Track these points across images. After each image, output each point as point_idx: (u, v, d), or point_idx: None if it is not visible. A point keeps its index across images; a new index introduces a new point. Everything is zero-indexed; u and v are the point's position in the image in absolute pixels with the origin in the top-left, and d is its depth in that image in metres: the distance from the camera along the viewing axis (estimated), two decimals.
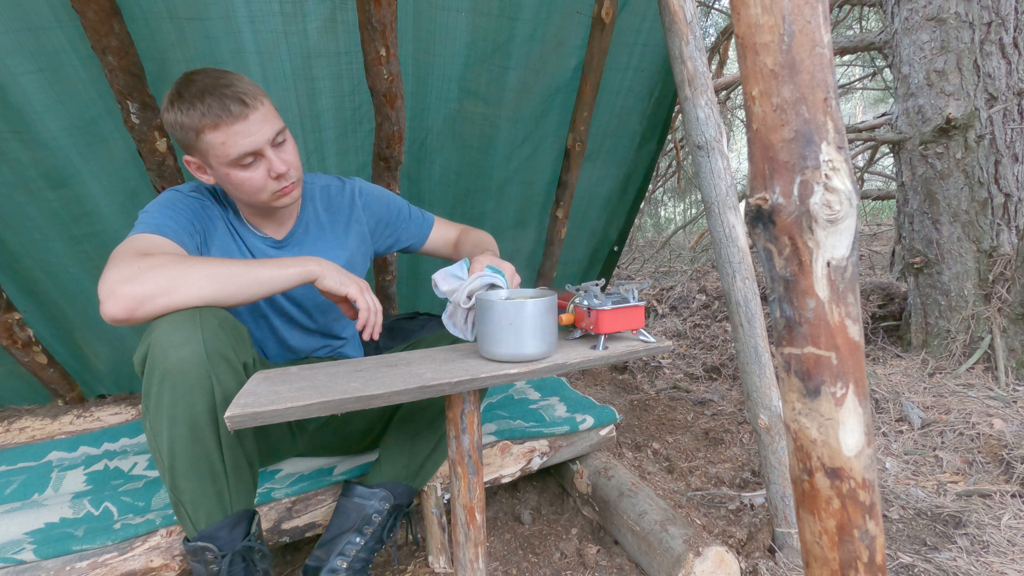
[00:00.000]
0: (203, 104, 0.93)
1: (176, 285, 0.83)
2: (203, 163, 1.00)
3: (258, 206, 1.05)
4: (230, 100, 0.93)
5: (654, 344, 0.97)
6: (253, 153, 0.97)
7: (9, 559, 0.95)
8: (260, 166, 0.99)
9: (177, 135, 0.97)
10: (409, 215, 1.31)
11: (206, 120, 0.93)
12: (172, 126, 0.97)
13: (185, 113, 0.94)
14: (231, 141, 0.94)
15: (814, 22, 0.51)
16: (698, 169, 1.28)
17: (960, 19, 2.15)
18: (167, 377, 0.81)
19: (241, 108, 0.94)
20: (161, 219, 0.97)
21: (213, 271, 0.87)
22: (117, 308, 0.80)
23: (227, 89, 0.94)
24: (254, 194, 1.01)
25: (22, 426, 1.57)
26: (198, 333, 0.82)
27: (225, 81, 0.95)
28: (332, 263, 0.98)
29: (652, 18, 1.67)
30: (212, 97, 0.93)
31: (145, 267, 0.83)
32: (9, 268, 1.60)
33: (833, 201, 0.51)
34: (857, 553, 0.56)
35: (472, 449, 0.94)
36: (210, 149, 0.96)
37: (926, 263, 2.26)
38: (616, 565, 1.23)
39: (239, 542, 0.90)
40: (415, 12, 1.45)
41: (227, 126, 0.93)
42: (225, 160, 0.96)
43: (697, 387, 2.38)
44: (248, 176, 0.98)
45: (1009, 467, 1.49)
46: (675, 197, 7.14)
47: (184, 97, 0.94)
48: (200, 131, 0.94)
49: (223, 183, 1.02)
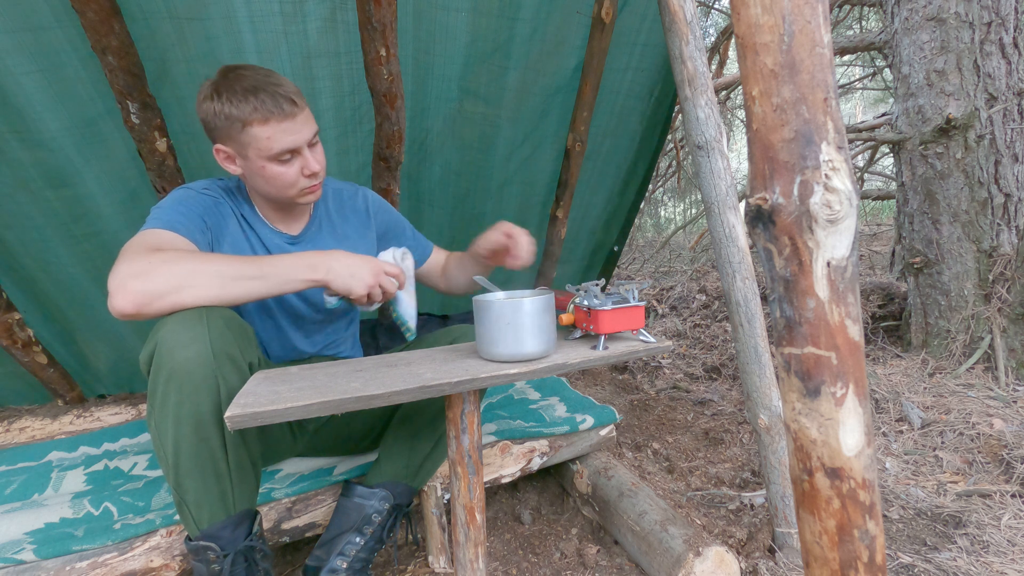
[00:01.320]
0: (256, 99, 0.97)
1: (187, 282, 0.84)
2: (237, 154, 1.03)
3: (282, 201, 1.10)
4: (282, 98, 0.99)
5: (654, 344, 0.97)
6: (292, 150, 1.02)
7: (9, 559, 0.95)
8: (295, 163, 1.04)
9: (217, 124, 1.00)
10: (413, 235, 1.36)
11: (257, 114, 0.97)
12: (214, 115, 0.99)
13: (235, 105, 0.97)
14: (276, 137, 0.99)
15: (814, 22, 0.51)
16: (698, 169, 1.28)
17: (960, 19, 2.15)
18: (173, 376, 0.81)
19: (291, 107, 0.99)
20: (173, 215, 0.98)
21: (224, 269, 0.88)
22: (127, 303, 0.81)
23: (279, 88, 0.99)
24: (284, 189, 1.06)
25: (22, 426, 1.57)
26: (205, 332, 0.82)
27: (275, 80, 1.00)
28: (340, 256, 0.97)
29: (652, 18, 1.67)
30: (265, 94, 0.98)
31: (157, 262, 0.84)
32: (9, 268, 1.60)
33: (833, 201, 0.51)
34: (857, 553, 0.56)
35: (472, 449, 0.94)
36: (253, 142, 1.00)
37: (926, 263, 2.26)
38: (616, 565, 1.23)
39: (241, 542, 0.90)
40: (415, 12, 1.45)
41: (276, 122, 0.99)
42: (267, 154, 1.01)
43: (697, 387, 2.38)
44: (283, 171, 1.03)
45: (1009, 467, 1.49)
46: (675, 197, 7.14)
47: (236, 90, 0.97)
48: (248, 123, 0.98)
49: (254, 175, 1.05)
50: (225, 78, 0.99)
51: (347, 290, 0.96)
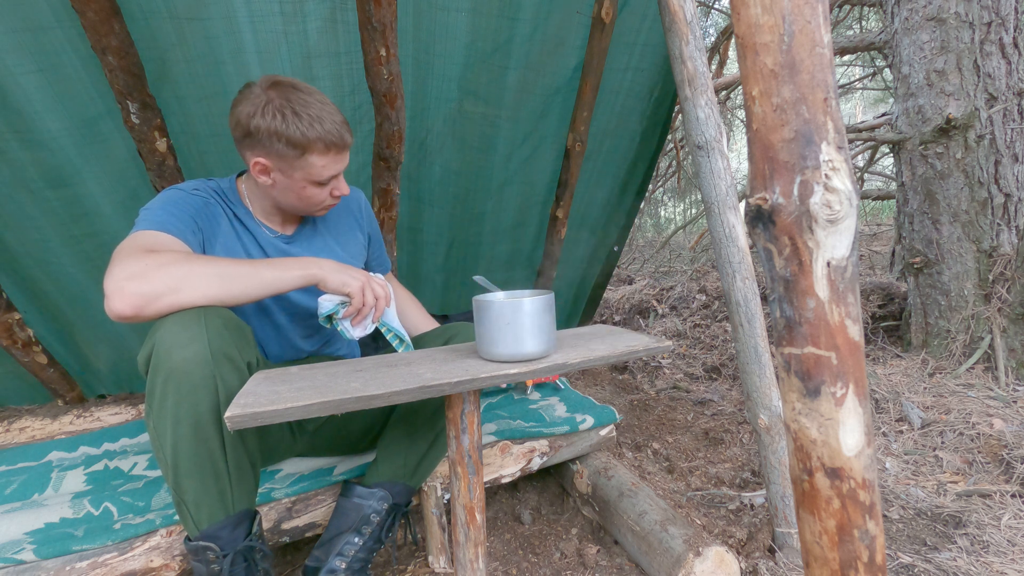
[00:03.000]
0: (323, 128, 0.98)
1: (184, 284, 0.84)
2: (279, 170, 1.02)
3: (299, 212, 1.12)
4: (344, 131, 1.01)
5: (654, 344, 0.97)
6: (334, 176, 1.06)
7: (9, 559, 0.95)
8: (329, 185, 1.07)
9: (271, 143, 0.98)
10: (380, 251, 1.39)
11: (320, 144, 0.98)
12: (271, 134, 0.97)
13: (301, 132, 0.97)
14: (330, 166, 1.03)
15: (814, 22, 0.51)
16: (698, 169, 1.28)
17: (960, 19, 2.15)
18: (172, 377, 0.81)
19: (349, 138, 1.04)
20: (164, 216, 0.97)
21: (220, 270, 0.88)
22: (124, 305, 0.81)
23: (336, 118, 1.00)
24: (312, 206, 1.09)
25: (22, 426, 1.57)
26: (203, 333, 0.82)
27: (333, 109, 1.01)
28: (333, 262, 1.00)
29: (652, 18, 1.67)
30: (332, 124, 0.99)
31: (153, 264, 0.84)
32: (9, 268, 1.60)
33: (833, 201, 0.51)
34: (857, 553, 0.56)
35: (472, 449, 0.94)
36: (307, 166, 1.01)
37: (926, 263, 2.26)
38: (616, 565, 1.23)
39: (241, 542, 0.91)
40: (415, 12, 1.45)
41: (335, 153, 1.02)
42: (315, 179, 1.03)
43: (697, 387, 2.38)
44: (318, 192, 1.06)
45: (1009, 467, 1.49)
46: (675, 197, 7.14)
47: (302, 116, 0.97)
48: (309, 151, 0.99)
49: (287, 191, 1.06)
50: (288, 100, 0.97)
51: (342, 285, 0.97)
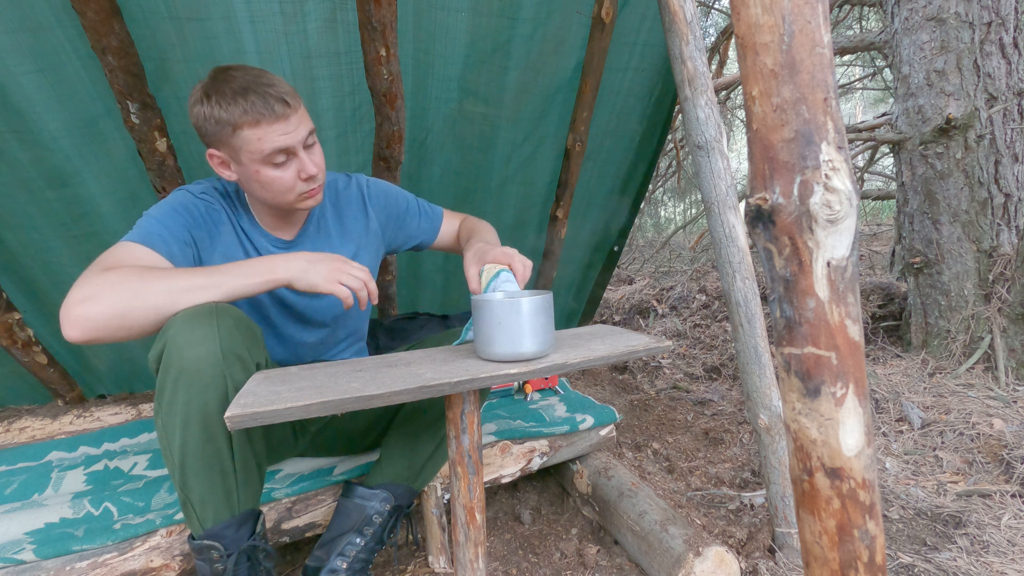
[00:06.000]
0: (246, 101, 0.93)
1: (132, 304, 0.82)
2: (231, 159, 0.99)
3: (281, 207, 1.05)
4: (273, 99, 0.94)
5: (654, 344, 0.97)
6: (286, 151, 0.98)
7: (9, 559, 0.95)
8: (291, 166, 0.99)
9: (208, 128, 0.97)
10: (418, 209, 1.29)
11: (247, 117, 0.93)
12: (205, 119, 0.96)
13: (224, 108, 0.94)
14: (268, 138, 0.95)
15: (814, 22, 0.51)
16: (698, 169, 1.28)
17: (960, 19, 2.15)
18: (182, 375, 0.81)
19: (283, 108, 0.95)
20: (155, 227, 0.96)
21: (171, 284, 0.85)
22: (74, 330, 0.80)
23: (270, 88, 0.95)
24: (281, 194, 1.01)
25: (22, 426, 1.56)
26: (215, 332, 0.82)
27: (267, 80, 0.96)
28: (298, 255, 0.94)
29: (652, 18, 1.67)
30: (255, 95, 0.94)
31: (105, 286, 0.82)
32: (9, 268, 1.60)
33: (833, 201, 0.51)
34: (857, 553, 0.56)
35: (472, 449, 0.94)
36: (245, 145, 0.96)
37: (926, 263, 2.26)
38: (616, 565, 1.23)
39: (245, 541, 0.91)
40: (415, 12, 1.45)
41: (268, 124, 0.94)
42: (259, 156, 0.96)
43: (697, 387, 2.38)
44: (279, 175, 0.99)
45: (1009, 467, 1.49)
46: (675, 197, 7.14)
47: (224, 92, 0.94)
48: (238, 127, 0.94)
49: (250, 181, 1.00)
50: (214, 80, 0.96)
51: (310, 285, 0.93)
